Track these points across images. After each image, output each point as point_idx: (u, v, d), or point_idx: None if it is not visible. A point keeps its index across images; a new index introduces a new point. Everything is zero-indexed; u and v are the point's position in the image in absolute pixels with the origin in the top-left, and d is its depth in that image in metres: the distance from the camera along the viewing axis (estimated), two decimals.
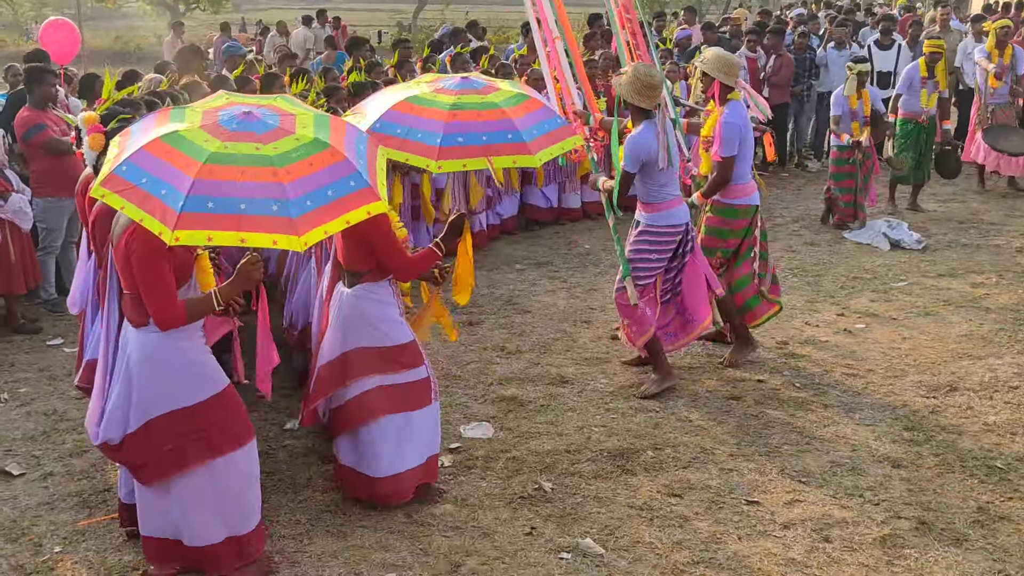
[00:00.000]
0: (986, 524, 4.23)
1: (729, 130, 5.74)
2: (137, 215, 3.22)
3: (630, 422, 5.26)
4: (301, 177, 3.34)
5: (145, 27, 34.10)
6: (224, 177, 3.26)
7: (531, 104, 4.57)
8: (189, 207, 3.16)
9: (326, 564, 3.98)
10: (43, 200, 7.02)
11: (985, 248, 8.57)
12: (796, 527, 4.21)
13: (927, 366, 5.97)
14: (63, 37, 8.26)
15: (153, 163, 3.29)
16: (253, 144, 3.38)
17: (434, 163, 4.24)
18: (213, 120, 3.47)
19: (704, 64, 5.84)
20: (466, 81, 4.58)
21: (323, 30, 17.63)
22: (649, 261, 5.52)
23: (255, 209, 3.21)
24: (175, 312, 3.55)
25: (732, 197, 5.89)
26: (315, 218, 3.29)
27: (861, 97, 8.88)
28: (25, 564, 4.04)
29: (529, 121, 4.43)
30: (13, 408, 5.63)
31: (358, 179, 3.48)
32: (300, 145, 3.44)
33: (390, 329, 4.29)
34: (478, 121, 4.35)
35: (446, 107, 4.37)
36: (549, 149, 4.47)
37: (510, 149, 4.36)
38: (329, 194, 3.37)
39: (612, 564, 3.97)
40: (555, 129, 4.55)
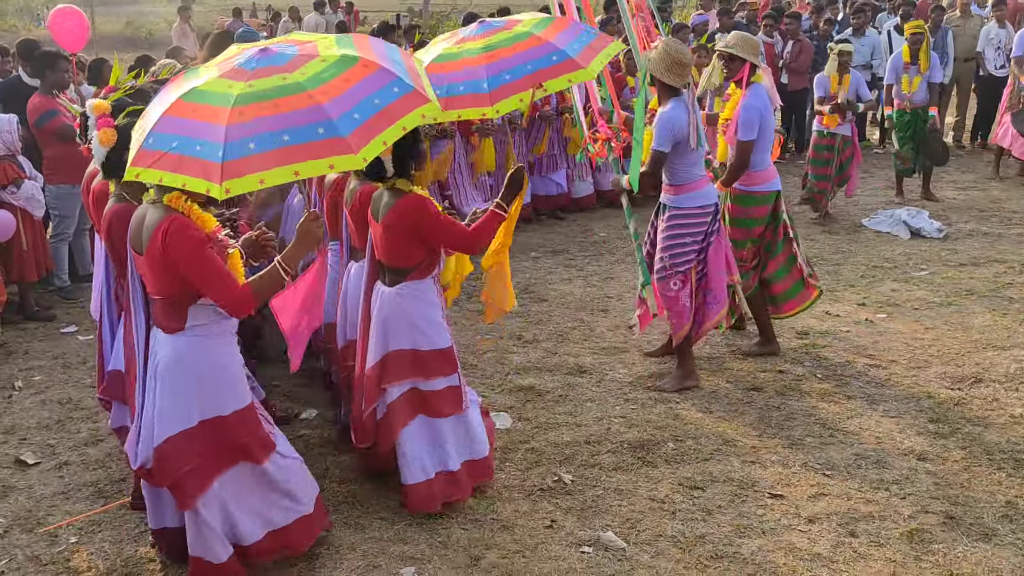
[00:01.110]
0: (1015, 518, 4.14)
1: (749, 112, 5.61)
2: (176, 181, 3.01)
3: (650, 413, 5.19)
4: (339, 95, 3.13)
5: (155, 12, 34.01)
6: (258, 115, 3.04)
7: (560, 23, 4.40)
8: (230, 154, 2.94)
9: (344, 556, 3.93)
10: (56, 187, 6.98)
11: (1007, 237, 8.45)
12: (821, 521, 4.14)
13: (951, 357, 5.87)
14: (73, 25, 8.18)
15: (179, 124, 3.09)
16: (279, 75, 3.17)
17: (490, 108, 4.04)
18: (230, 67, 3.27)
19: (733, 47, 5.71)
20: (485, 23, 4.42)
21: (335, 16, 17.54)
22: (685, 246, 5.36)
23: (300, 137, 3.01)
24: (242, 293, 3.34)
25: (751, 184, 5.75)
26: (368, 131, 3.08)
27: (842, 82, 8.72)
28: (41, 555, 4.00)
29: (567, 38, 4.25)
30: (28, 396, 5.60)
31: (401, 84, 3.27)
32: (328, 65, 3.23)
33: (432, 332, 4.11)
34: (517, 53, 4.15)
35: (478, 52, 4.18)
36: (598, 58, 4.29)
37: (560, 69, 4.15)
38: (376, 103, 3.17)
39: (634, 558, 3.90)
40: (594, 39, 4.38)
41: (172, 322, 3.44)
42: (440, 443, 4.19)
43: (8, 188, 6.44)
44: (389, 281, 4.13)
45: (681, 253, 5.38)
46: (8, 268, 6.60)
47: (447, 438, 4.20)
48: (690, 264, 5.41)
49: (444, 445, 4.20)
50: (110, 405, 4.38)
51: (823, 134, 8.88)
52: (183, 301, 3.42)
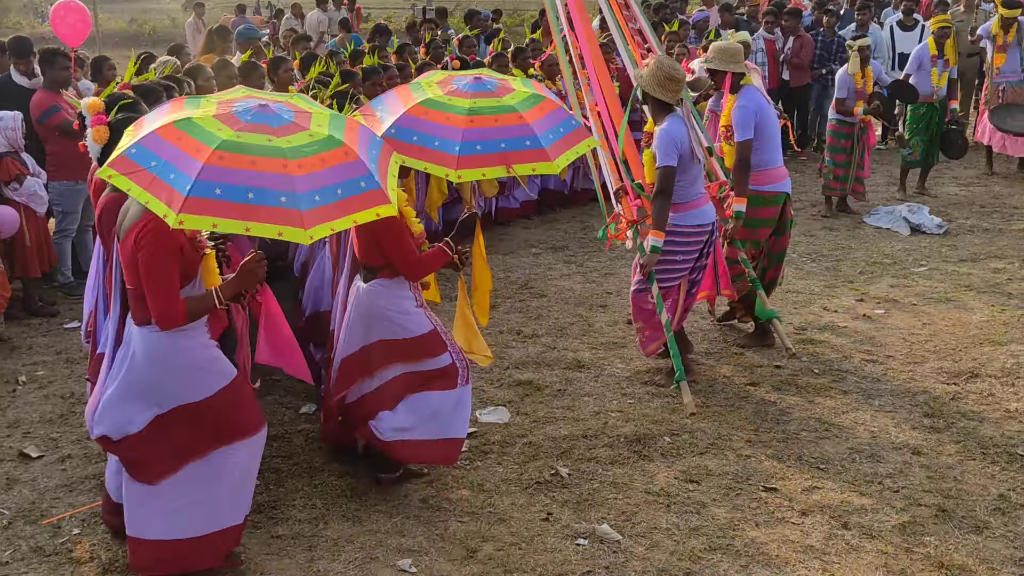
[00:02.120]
0: (1007, 511, 4.18)
1: (743, 114, 5.65)
2: (143, 197, 3.18)
3: (647, 407, 5.23)
4: (312, 172, 3.32)
5: (159, 9, 34.11)
6: (234, 165, 3.22)
7: (546, 106, 4.49)
8: (196, 192, 3.13)
9: (342, 548, 3.98)
10: (59, 183, 7.02)
11: (1008, 233, 8.47)
12: (814, 514, 4.18)
13: (948, 352, 5.90)
14: (74, 20, 8.22)
15: (163, 147, 3.26)
16: (266, 136, 3.35)
17: (453, 172, 4.18)
18: (228, 110, 3.44)
19: (710, 62, 5.76)
20: (479, 82, 4.50)
21: (338, 13, 17.55)
22: (675, 263, 5.32)
23: (263, 199, 3.19)
24: (176, 311, 3.49)
25: (759, 183, 5.75)
26: (323, 214, 3.27)
27: (865, 75, 8.73)
28: (44, 546, 4.06)
29: (546, 125, 4.36)
30: (31, 391, 5.66)
31: (369, 180, 3.46)
32: (313, 141, 3.42)
33: (407, 322, 4.28)
34: (495, 127, 4.28)
35: (462, 112, 4.29)
36: (566, 154, 4.41)
37: (529, 156, 4.28)
38: (339, 192, 3.36)
39: (629, 550, 3.95)
40: (570, 132, 4.48)
41: (141, 313, 3.58)
42: (435, 415, 4.32)
43: (11, 184, 6.49)
44: (364, 277, 4.31)
45: (669, 271, 5.33)
46: (12, 264, 6.66)
47: (444, 410, 4.33)
48: (676, 282, 5.39)
49: (440, 416, 4.33)
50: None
51: (841, 122, 8.90)
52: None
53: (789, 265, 7.58)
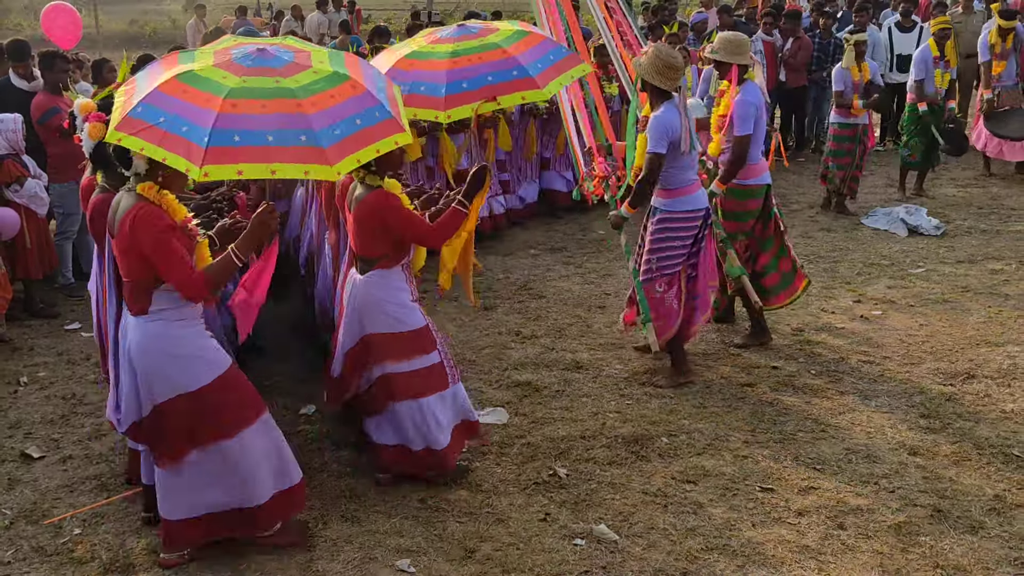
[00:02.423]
0: (1002, 512, 4.21)
1: (744, 108, 5.71)
2: (158, 154, 3.16)
3: (645, 408, 5.26)
4: (325, 108, 3.30)
5: (160, 10, 34.14)
6: (247, 111, 3.20)
7: (532, 39, 4.48)
8: (215, 141, 3.10)
9: (341, 549, 4.01)
10: (60, 185, 7.05)
11: (1005, 234, 8.49)
12: (810, 514, 4.20)
13: (944, 353, 5.93)
14: (64, 22, 8.26)
15: (169, 102, 3.22)
16: (272, 78, 3.32)
17: (442, 113, 4.18)
18: (227, 58, 3.41)
19: (715, 53, 5.79)
20: (463, 28, 4.52)
21: (338, 14, 17.59)
22: (673, 249, 5.40)
23: (283, 140, 3.17)
24: (197, 278, 3.54)
25: (744, 177, 5.86)
26: (345, 146, 3.25)
27: (862, 70, 8.77)
28: (45, 546, 4.09)
29: (533, 55, 4.35)
30: (32, 392, 5.69)
31: (382, 110, 3.46)
32: (320, 78, 3.40)
33: (403, 315, 4.32)
34: (480, 63, 4.27)
35: (445, 56, 4.30)
36: (558, 79, 4.40)
37: (517, 86, 4.28)
38: (357, 123, 3.34)
39: (626, 550, 3.97)
40: (560, 59, 4.46)
41: (138, 304, 3.64)
42: (426, 421, 4.34)
43: (12, 186, 6.52)
44: (360, 269, 4.34)
45: (668, 256, 5.41)
46: (13, 266, 6.68)
47: (434, 416, 4.36)
48: (677, 268, 5.45)
49: (430, 423, 4.35)
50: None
51: (844, 125, 8.94)
52: (148, 285, 3.61)
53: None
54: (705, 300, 5.61)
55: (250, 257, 3.75)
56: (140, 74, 3.56)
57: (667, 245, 5.39)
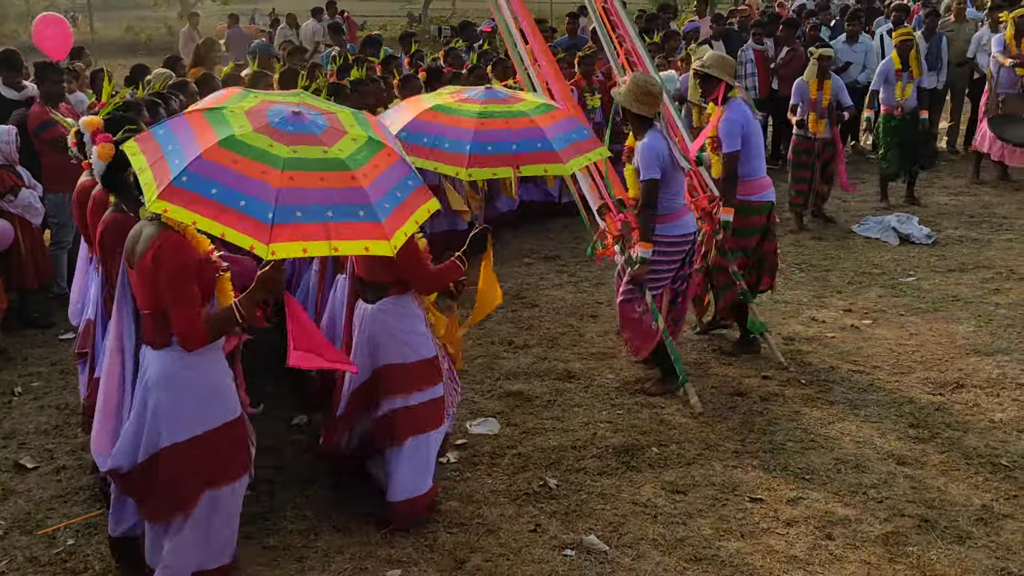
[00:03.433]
0: (990, 522, 4.24)
1: (730, 126, 5.77)
2: (216, 230, 3.01)
3: (635, 418, 5.29)
4: (374, 180, 3.27)
5: (155, 18, 34.21)
6: (306, 185, 3.12)
7: (558, 114, 4.58)
8: (280, 218, 3.00)
9: (332, 559, 4.03)
10: (55, 195, 7.07)
11: (996, 242, 8.54)
12: (799, 524, 4.24)
13: (934, 363, 5.97)
14: (53, 32, 8.27)
15: (220, 171, 3.09)
16: (320, 148, 3.26)
17: (464, 171, 4.21)
18: (264, 122, 3.29)
19: (709, 68, 5.84)
20: (490, 91, 4.59)
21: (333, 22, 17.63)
22: (659, 272, 5.45)
23: (343, 216, 3.11)
24: (198, 328, 3.40)
25: (748, 193, 5.89)
26: (395, 220, 3.22)
27: (822, 88, 8.62)
28: (39, 556, 4.11)
29: (557, 130, 4.42)
30: (27, 402, 5.71)
31: (414, 178, 3.46)
32: (361, 146, 3.36)
33: (417, 344, 4.19)
34: (507, 129, 4.32)
35: (474, 115, 4.34)
36: (578, 159, 4.47)
37: (540, 157, 4.33)
38: (398, 195, 3.32)
39: (616, 561, 4.00)
40: (582, 140, 4.54)
41: (159, 337, 3.50)
42: (428, 461, 4.25)
43: (6, 196, 6.53)
44: (371, 298, 4.19)
45: (653, 279, 5.46)
46: (8, 275, 6.70)
47: (427, 459, 4.26)
48: (661, 290, 5.52)
49: (431, 463, 4.27)
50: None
51: (803, 138, 8.86)
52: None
53: (777, 275, 7.66)
54: (680, 325, 5.75)
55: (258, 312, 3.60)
56: (161, 130, 3.37)
57: (653, 268, 5.42)
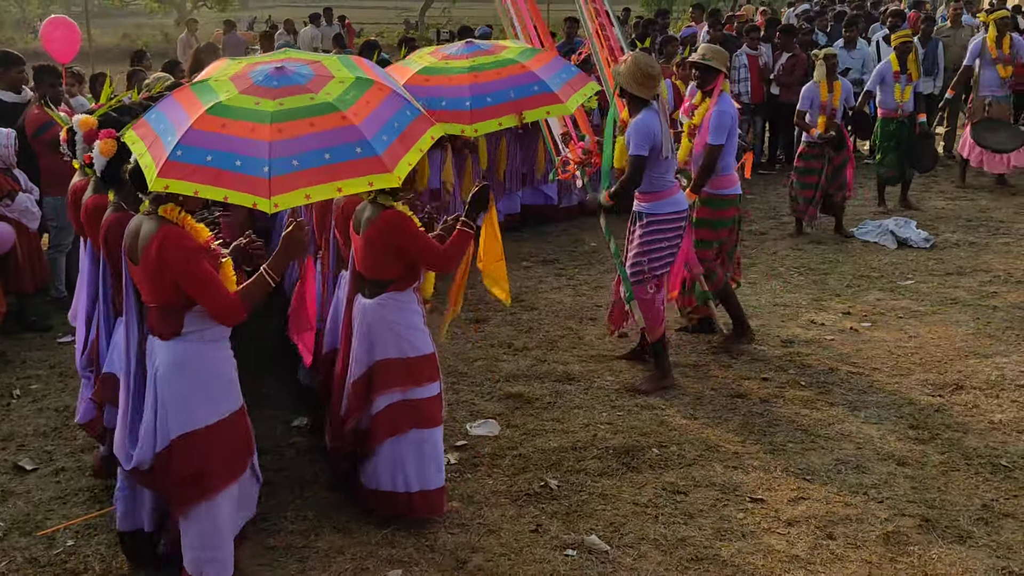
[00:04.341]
0: (990, 521, 4.24)
1: (722, 118, 5.83)
2: (218, 194, 3.06)
3: (636, 419, 5.29)
4: (367, 115, 3.26)
5: (152, 24, 34.25)
6: (296, 133, 3.14)
7: (545, 56, 4.55)
8: (276, 170, 3.03)
9: (333, 560, 4.02)
10: (53, 198, 7.06)
11: (994, 246, 8.56)
12: (800, 524, 4.23)
13: (933, 364, 5.97)
14: (62, 35, 8.26)
15: (211, 138, 3.13)
16: (307, 95, 3.27)
17: (469, 127, 4.16)
18: (248, 83, 3.32)
19: (710, 60, 5.87)
20: (472, 44, 4.55)
21: (330, 28, 17.68)
22: (663, 251, 5.53)
23: (341, 155, 3.13)
24: (233, 302, 3.41)
25: (720, 187, 6.00)
26: (396, 150, 3.22)
27: (832, 90, 8.59)
28: (39, 557, 4.10)
29: (549, 71, 4.40)
30: (25, 404, 5.69)
31: (411, 108, 3.44)
32: (348, 87, 3.35)
33: (415, 339, 4.18)
34: (501, 78, 4.29)
35: (464, 70, 4.29)
36: (575, 96, 4.44)
37: (540, 100, 4.31)
38: (396, 126, 3.32)
39: (617, 561, 4.00)
40: (574, 77, 4.54)
41: (168, 328, 3.51)
42: (427, 459, 4.22)
43: (3, 200, 6.52)
44: (369, 293, 4.18)
45: (659, 258, 5.54)
46: (6, 279, 6.68)
47: (434, 453, 4.24)
48: (665, 269, 5.60)
49: (430, 462, 4.23)
50: (102, 408, 4.43)
51: (812, 143, 8.82)
52: (179, 307, 3.48)
53: (777, 278, 7.69)
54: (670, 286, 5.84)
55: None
56: (152, 114, 3.41)
57: (656, 247, 5.51)
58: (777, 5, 24.94)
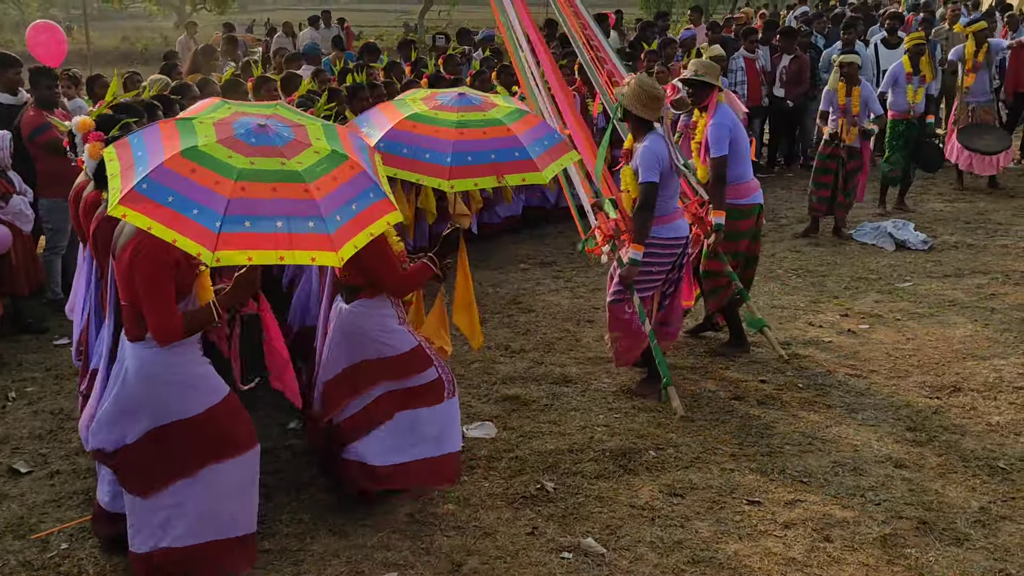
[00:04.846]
0: (988, 524, 4.23)
1: (718, 130, 5.81)
2: (168, 236, 3.14)
3: (632, 422, 5.28)
4: (330, 192, 3.35)
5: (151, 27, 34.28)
6: (257, 195, 3.22)
7: (530, 119, 4.64)
8: (227, 227, 3.11)
9: (328, 563, 4.01)
10: (49, 200, 7.05)
11: (992, 248, 8.55)
12: (797, 527, 4.22)
13: (931, 366, 5.96)
14: (47, 39, 8.27)
15: (177, 181, 3.21)
16: (278, 159, 3.35)
17: (446, 183, 4.27)
18: (229, 134, 3.41)
19: (703, 76, 5.85)
20: (463, 98, 4.61)
21: (329, 31, 17.68)
22: (651, 273, 5.46)
23: (292, 227, 3.20)
24: (173, 325, 3.50)
25: (736, 197, 5.92)
26: (346, 232, 3.29)
27: (850, 94, 8.55)
28: (33, 560, 4.08)
29: (531, 137, 4.49)
30: (20, 407, 5.68)
31: (376, 190, 3.51)
32: (322, 159, 3.44)
33: (391, 339, 4.26)
34: (485, 139, 4.38)
35: (452, 125, 4.38)
36: (552, 166, 4.54)
37: (518, 167, 4.40)
38: (353, 208, 3.39)
39: (613, 563, 3.98)
40: (554, 145, 4.63)
41: (135, 329, 3.60)
42: (419, 431, 4.30)
43: None
44: (346, 298, 4.30)
45: (644, 280, 5.47)
46: (0, 282, 6.66)
47: (429, 426, 4.31)
48: (652, 292, 5.53)
49: (426, 436, 4.31)
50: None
51: (828, 143, 8.79)
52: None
53: (775, 280, 7.69)
54: (674, 327, 5.72)
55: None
56: (135, 138, 3.49)
57: (645, 270, 5.43)
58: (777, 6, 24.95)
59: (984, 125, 10.33)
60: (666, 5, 31.66)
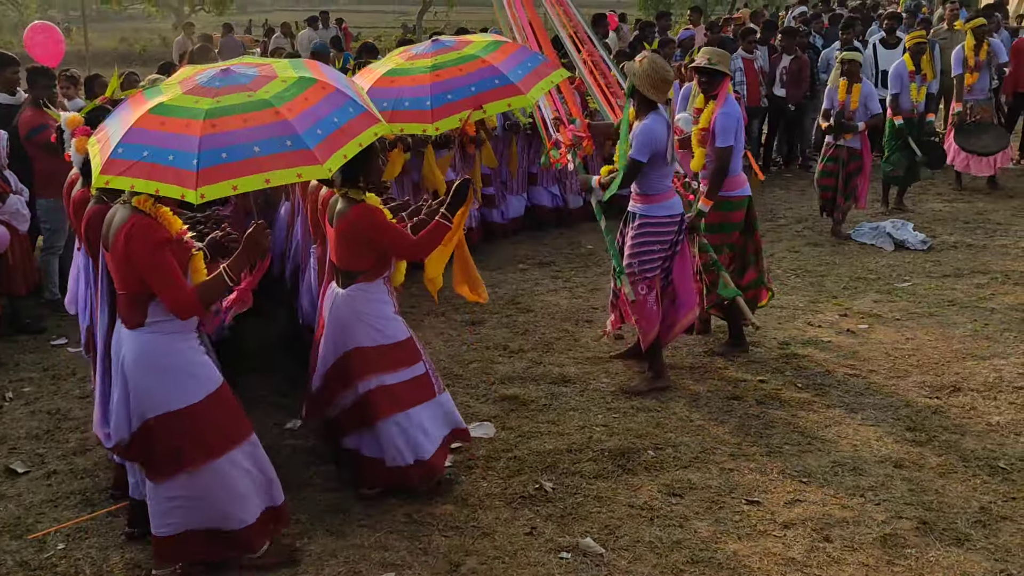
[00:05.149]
0: (988, 524, 4.21)
1: (727, 120, 5.79)
2: (150, 187, 3.20)
3: (631, 421, 5.26)
4: (303, 111, 3.37)
5: (150, 28, 34.25)
6: (229, 128, 3.26)
7: (508, 48, 4.58)
8: (204, 163, 3.15)
9: (326, 563, 3.99)
10: (46, 200, 7.03)
11: (991, 248, 8.54)
12: (796, 527, 4.20)
13: (931, 366, 5.95)
14: (44, 39, 8.27)
15: (149, 135, 3.27)
16: (244, 93, 3.39)
17: (430, 125, 4.24)
18: (193, 85, 3.47)
19: (717, 64, 5.83)
20: (437, 42, 4.60)
21: (328, 32, 17.68)
22: (653, 253, 5.51)
23: (270, 148, 3.23)
24: (190, 297, 3.53)
25: (728, 189, 5.94)
26: (331, 144, 3.32)
27: (851, 92, 8.52)
28: (29, 560, 4.06)
29: (512, 63, 4.44)
30: (18, 407, 5.66)
31: (355, 105, 3.54)
32: (289, 85, 3.47)
33: (386, 327, 4.31)
34: (462, 75, 4.35)
35: (426, 70, 4.36)
36: (539, 85, 4.49)
37: (501, 93, 4.37)
38: (335, 120, 3.41)
39: (612, 563, 3.97)
40: (539, 66, 4.57)
41: (133, 317, 3.62)
42: (414, 434, 4.33)
43: None
44: (342, 283, 4.31)
45: (648, 260, 5.51)
46: None
47: (421, 427, 4.35)
48: (656, 271, 5.55)
49: (418, 435, 4.34)
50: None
51: (828, 144, 8.81)
52: (143, 298, 3.60)
53: (774, 280, 7.65)
54: (686, 301, 5.67)
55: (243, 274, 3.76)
56: (110, 120, 3.58)
57: (647, 249, 5.49)
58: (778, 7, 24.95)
59: (982, 124, 10.32)
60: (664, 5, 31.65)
